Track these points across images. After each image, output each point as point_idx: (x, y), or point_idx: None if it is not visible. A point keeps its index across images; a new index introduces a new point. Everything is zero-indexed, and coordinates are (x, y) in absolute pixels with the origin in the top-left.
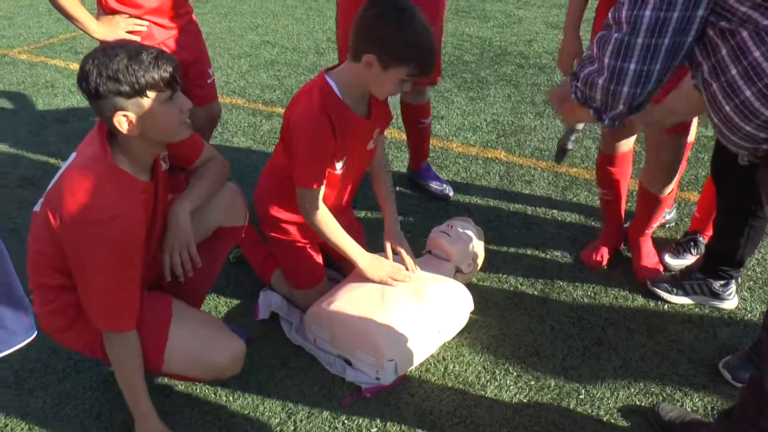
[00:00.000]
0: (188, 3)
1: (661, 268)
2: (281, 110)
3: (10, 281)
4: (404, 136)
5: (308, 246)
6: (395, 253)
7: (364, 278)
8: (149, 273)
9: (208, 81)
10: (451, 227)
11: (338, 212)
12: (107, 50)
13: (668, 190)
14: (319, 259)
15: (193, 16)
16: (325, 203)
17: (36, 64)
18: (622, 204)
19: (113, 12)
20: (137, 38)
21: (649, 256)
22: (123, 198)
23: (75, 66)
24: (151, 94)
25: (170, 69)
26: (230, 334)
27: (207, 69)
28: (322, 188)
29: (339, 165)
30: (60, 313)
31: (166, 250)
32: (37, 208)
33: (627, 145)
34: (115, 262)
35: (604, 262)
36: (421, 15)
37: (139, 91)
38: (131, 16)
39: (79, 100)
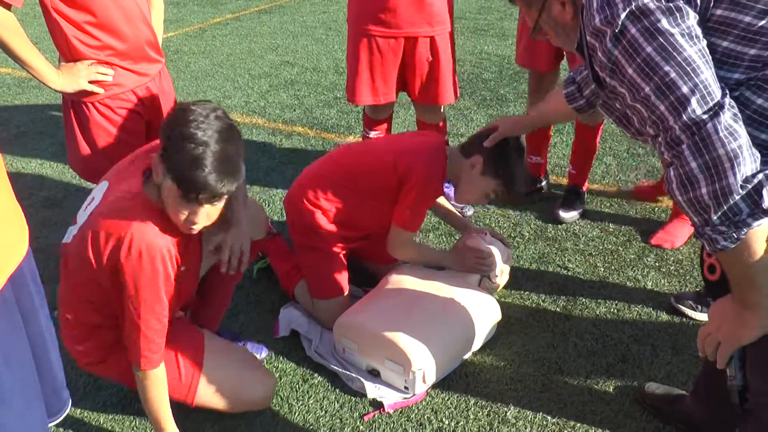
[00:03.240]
0: (161, 51)
1: (668, 244)
2: (301, 129)
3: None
4: None
5: (337, 256)
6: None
7: (390, 289)
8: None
9: None
10: (486, 234)
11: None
12: (199, 123)
13: None
14: (345, 271)
15: (164, 66)
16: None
17: None
18: None
19: (77, 58)
20: (100, 90)
21: (669, 231)
22: (158, 236)
23: None
24: (174, 185)
25: (205, 194)
26: (262, 370)
27: None
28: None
29: None
30: (95, 350)
31: (229, 241)
32: (67, 239)
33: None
34: (147, 300)
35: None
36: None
37: (170, 176)
38: (99, 61)
39: None
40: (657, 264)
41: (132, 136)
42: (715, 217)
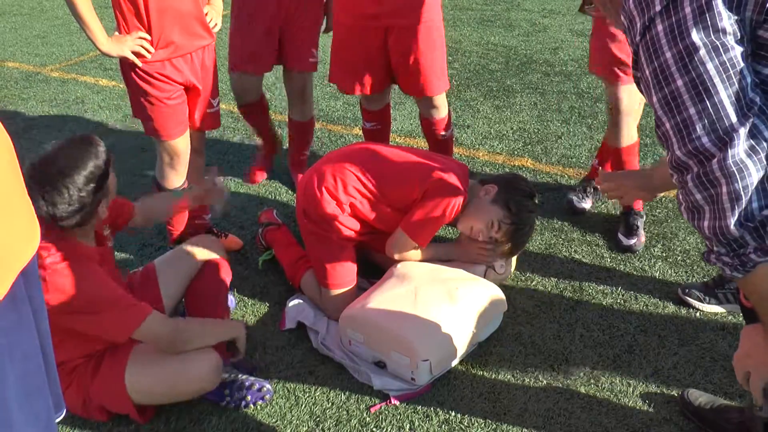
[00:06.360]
0: (209, 32)
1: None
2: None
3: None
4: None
5: (347, 246)
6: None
7: (396, 281)
8: None
9: (210, 110)
10: None
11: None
12: (69, 172)
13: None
14: (354, 262)
15: (208, 47)
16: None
17: (67, 81)
18: None
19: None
20: (139, 62)
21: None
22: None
23: (104, 82)
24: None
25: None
26: (193, 356)
27: (210, 99)
28: None
29: None
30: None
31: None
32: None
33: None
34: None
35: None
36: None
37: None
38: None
39: (107, 115)
40: (664, 254)
41: (170, 99)
42: (717, 249)
